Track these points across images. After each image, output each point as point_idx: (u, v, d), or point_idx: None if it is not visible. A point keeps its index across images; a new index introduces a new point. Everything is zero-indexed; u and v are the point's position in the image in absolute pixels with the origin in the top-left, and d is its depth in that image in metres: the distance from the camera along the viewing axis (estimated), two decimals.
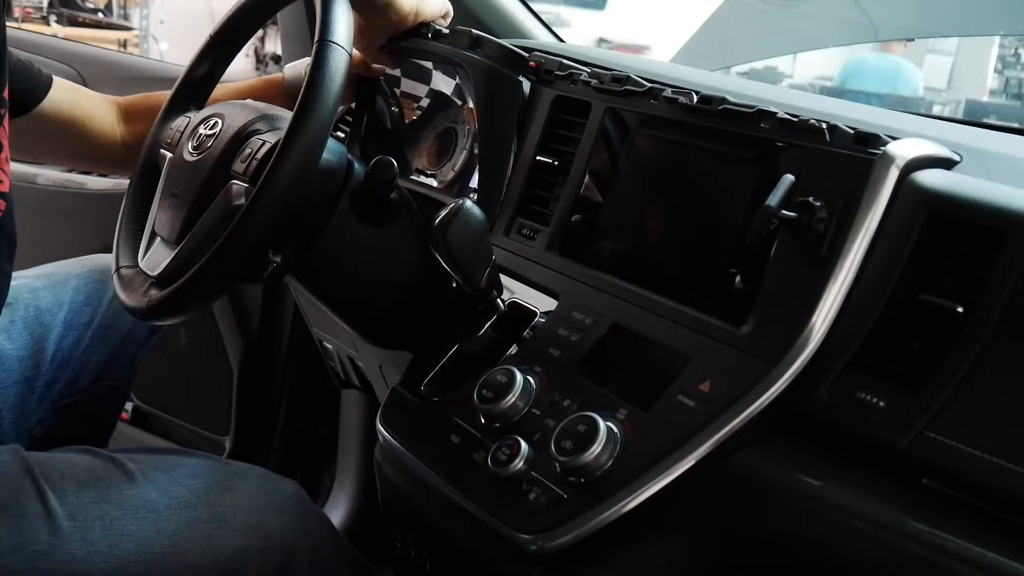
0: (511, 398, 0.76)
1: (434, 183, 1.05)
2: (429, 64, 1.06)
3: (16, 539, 0.80)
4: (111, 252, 0.92)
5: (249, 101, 0.93)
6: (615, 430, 0.70)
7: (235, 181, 0.82)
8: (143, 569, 0.83)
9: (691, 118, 0.81)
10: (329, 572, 0.95)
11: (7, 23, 0.87)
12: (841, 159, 0.70)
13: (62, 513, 0.82)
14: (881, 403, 0.62)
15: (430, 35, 1.03)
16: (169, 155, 0.91)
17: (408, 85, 1.10)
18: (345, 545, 1.02)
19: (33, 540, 0.80)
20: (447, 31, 1.02)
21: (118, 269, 0.90)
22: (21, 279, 1.12)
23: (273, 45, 5.02)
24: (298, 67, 1.12)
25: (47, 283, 1.13)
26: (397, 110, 1.12)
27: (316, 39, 0.77)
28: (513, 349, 0.84)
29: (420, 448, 0.81)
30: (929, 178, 0.66)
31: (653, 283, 0.80)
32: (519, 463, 0.72)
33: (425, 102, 1.08)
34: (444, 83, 1.05)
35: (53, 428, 1.08)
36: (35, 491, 0.83)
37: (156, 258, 0.86)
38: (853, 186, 0.68)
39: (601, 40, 5.41)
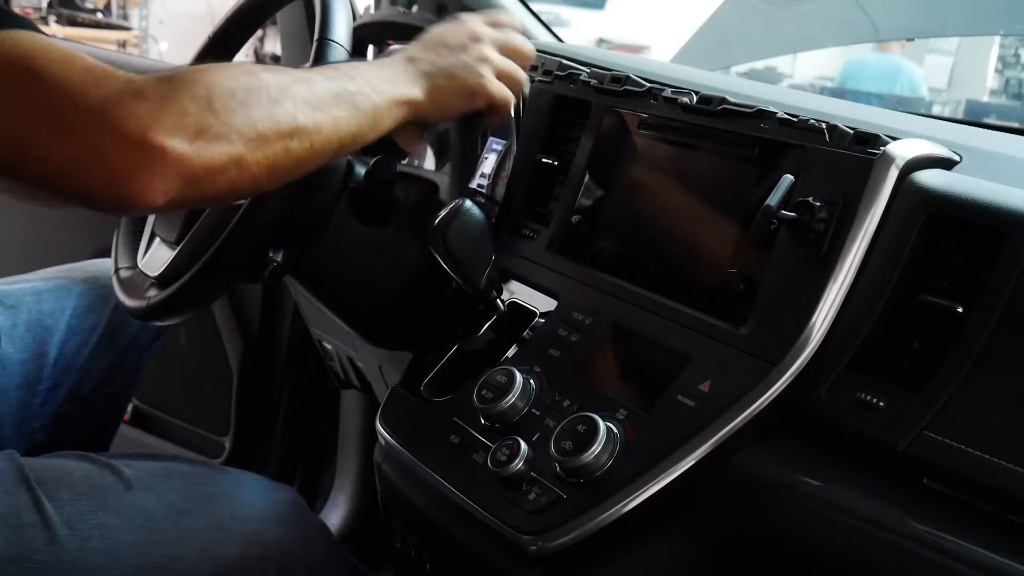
0: (511, 398, 0.76)
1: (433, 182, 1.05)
2: None
3: (14, 549, 0.79)
4: (110, 253, 0.92)
5: None
6: (615, 430, 0.70)
7: None
8: None
9: (691, 118, 0.81)
10: None
11: None
12: (841, 159, 0.70)
13: (59, 522, 0.81)
14: (881, 403, 0.62)
15: None
16: None
17: None
18: (343, 553, 1.02)
19: (31, 550, 0.79)
20: None
21: (117, 270, 0.90)
22: (25, 282, 1.11)
23: (273, 45, 5.02)
24: None
25: (51, 286, 1.12)
26: None
27: (316, 37, 0.78)
28: (513, 349, 0.84)
29: (420, 448, 0.81)
30: (929, 178, 0.66)
31: (653, 283, 0.80)
32: (519, 463, 0.72)
33: None
34: None
35: (55, 433, 1.07)
36: (31, 500, 0.82)
37: (156, 258, 0.86)
38: (853, 186, 0.67)
39: (601, 40, 5.41)
